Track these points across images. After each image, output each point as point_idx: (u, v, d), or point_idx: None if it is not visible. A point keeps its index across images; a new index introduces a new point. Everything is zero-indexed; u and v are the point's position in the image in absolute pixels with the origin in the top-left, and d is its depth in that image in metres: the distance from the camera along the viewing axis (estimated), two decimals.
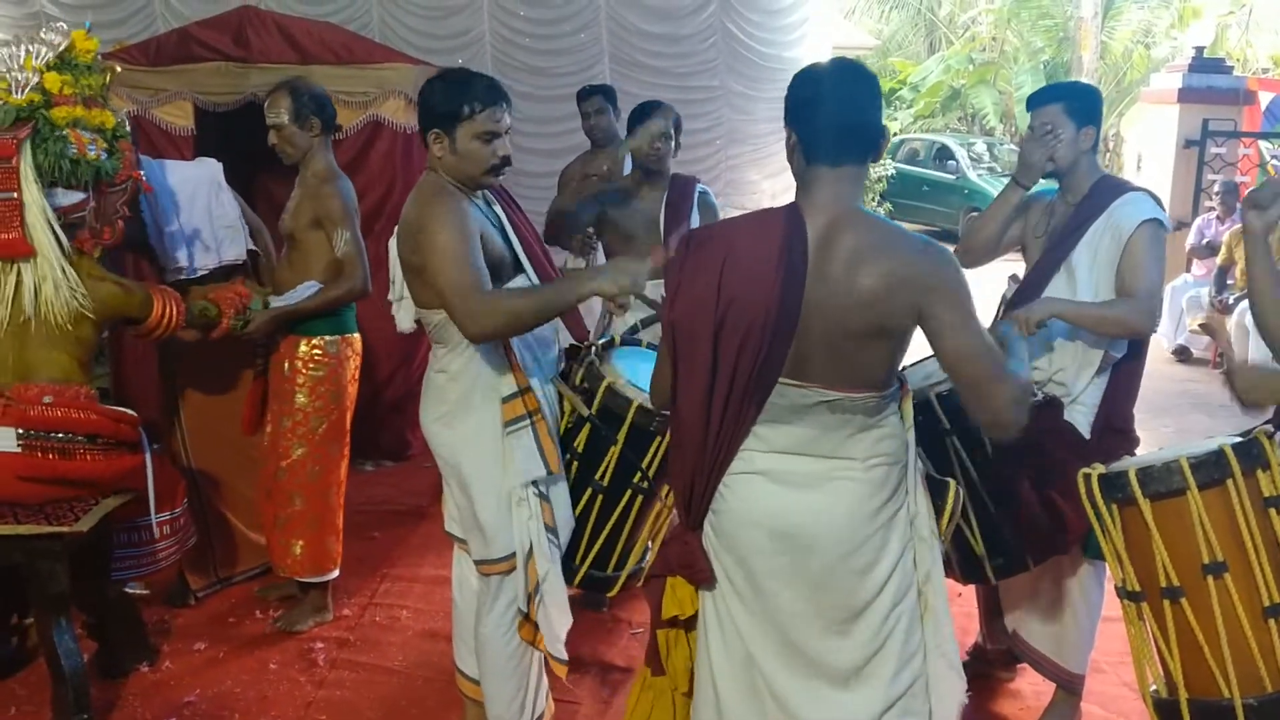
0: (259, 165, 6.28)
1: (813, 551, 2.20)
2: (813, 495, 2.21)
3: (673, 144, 4.33)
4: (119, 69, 3.62)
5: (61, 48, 3.39)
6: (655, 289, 4.06)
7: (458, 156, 2.79)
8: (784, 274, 2.12)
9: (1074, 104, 3.13)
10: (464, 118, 2.77)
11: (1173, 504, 2.36)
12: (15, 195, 3.24)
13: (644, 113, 4.35)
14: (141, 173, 3.65)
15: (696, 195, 4.40)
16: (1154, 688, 2.53)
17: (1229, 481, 2.34)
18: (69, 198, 3.36)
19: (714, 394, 2.19)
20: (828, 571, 2.21)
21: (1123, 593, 2.53)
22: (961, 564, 3.09)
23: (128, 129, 3.56)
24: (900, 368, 2.30)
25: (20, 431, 3.19)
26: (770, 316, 2.12)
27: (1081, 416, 3.11)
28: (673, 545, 2.37)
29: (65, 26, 3.46)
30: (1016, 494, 2.98)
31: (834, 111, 2.17)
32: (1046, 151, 3.12)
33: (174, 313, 3.54)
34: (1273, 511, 2.33)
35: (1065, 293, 3.10)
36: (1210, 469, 2.34)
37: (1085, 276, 3.09)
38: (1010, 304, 3.21)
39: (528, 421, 2.83)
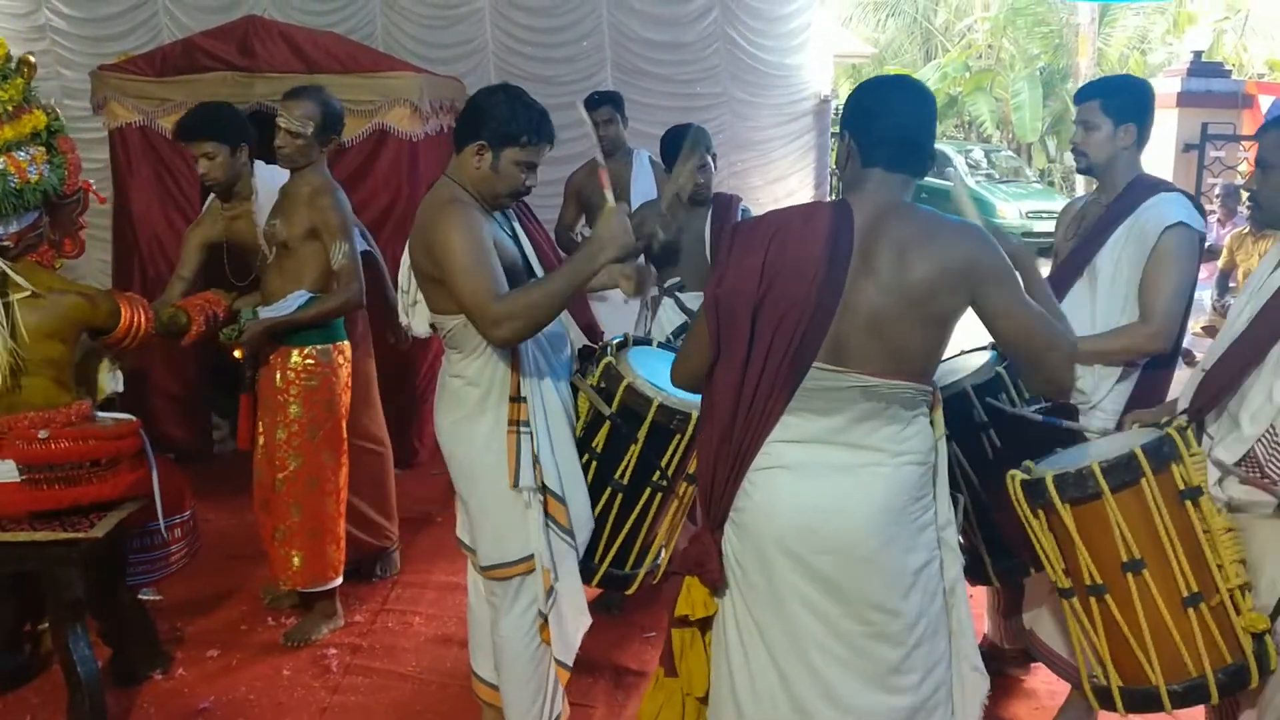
0: None
1: (838, 550, 2.21)
2: (840, 485, 2.21)
3: (713, 166, 4.37)
4: (33, 59, 3.40)
5: None
6: (694, 299, 4.11)
7: (495, 174, 2.82)
8: (828, 257, 2.16)
9: (1112, 100, 3.10)
10: (518, 144, 2.79)
11: (1091, 507, 2.40)
12: None
13: (675, 143, 4.33)
14: (91, 181, 3.60)
15: (740, 212, 4.48)
16: (1094, 676, 2.57)
17: (1143, 481, 2.37)
18: (21, 221, 3.27)
19: (748, 373, 2.21)
20: (852, 573, 2.21)
21: (1056, 590, 2.58)
22: (967, 564, 3.09)
23: (61, 120, 3.41)
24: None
25: (22, 466, 3.16)
26: (811, 298, 2.15)
27: (1099, 422, 3.07)
28: (691, 543, 2.39)
29: None
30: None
31: (896, 124, 2.22)
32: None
33: (142, 320, 3.48)
34: (1188, 503, 2.39)
35: (1085, 300, 3.06)
36: (1122, 471, 2.37)
37: (1106, 284, 3.05)
38: None
39: (528, 429, 2.84)
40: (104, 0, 7.39)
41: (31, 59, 3.38)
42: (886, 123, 2.22)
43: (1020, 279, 2.26)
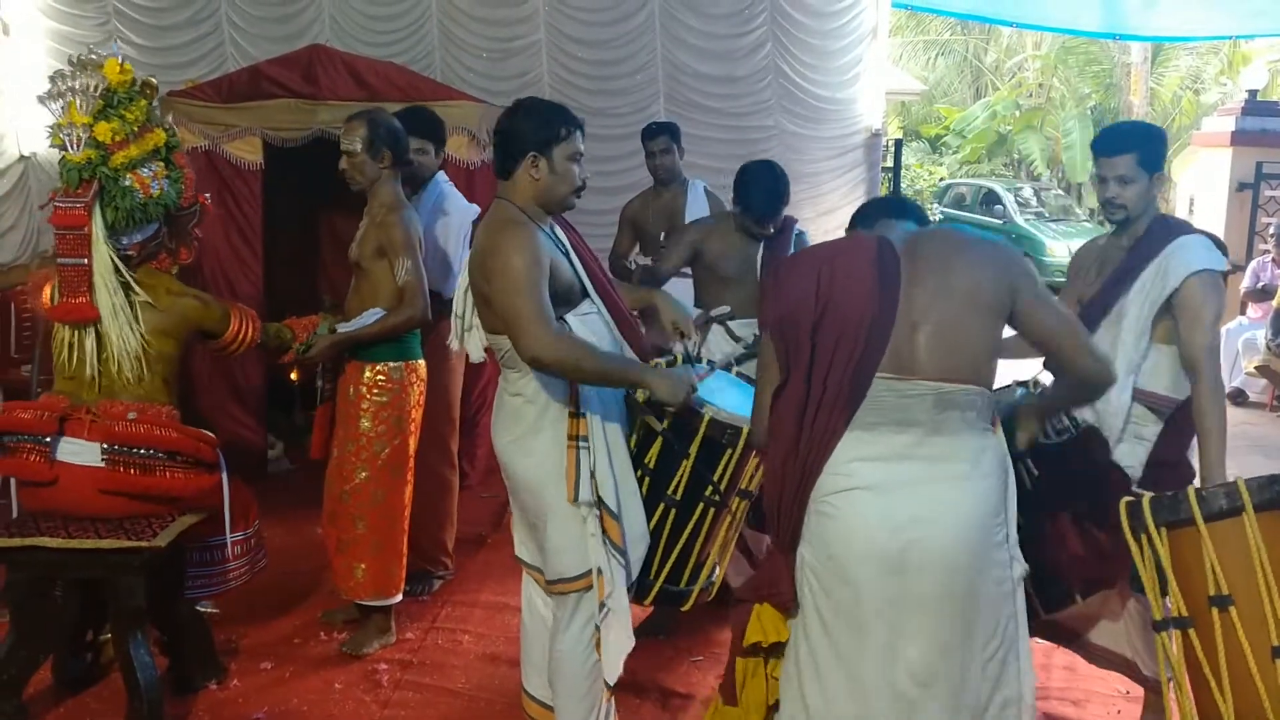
0: (324, 199, 6.45)
1: (931, 565, 2.24)
2: (925, 500, 2.26)
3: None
4: (155, 82, 3.57)
5: (100, 90, 3.34)
6: (743, 327, 4.13)
7: (555, 177, 2.89)
8: (879, 274, 2.27)
9: (1146, 153, 3.16)
10: (561, 139, 2.88)
11: (1186, 534, 2.33)
12: (86, 261, 3.31)
13: (751, 183, 4.31)
14: (207, 196, 3.77)
15: (794, 235, 4.44)
16: None
17: (1243, 515, 2.29)
18: (144, 233, 3.45)
19: (810, 389, 2.28)
20: (944, 589, 2.25)
21: (1151, 623, 2.48)
22: None
23: (177, 137, 3.60)
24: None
25: (105, 446, 3.29)
26: (868, 313, 2.24)
27: (1142, 450, 3.16)
28: (762, 568, 2.42)
29: (98, 59, 3.37)
30: (1059, 531, 2.98)
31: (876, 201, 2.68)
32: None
33: (250, 330, 3.67)
34: None
35: (1107, 342, 3.11)
36: (1218, 499, 2.30)
37: (1132, 325, 3.12)
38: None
39: (586, 444, 2.89)
40: (172, 29, 7.59)
41: (154, 81, 3.57)
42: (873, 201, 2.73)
43: None
